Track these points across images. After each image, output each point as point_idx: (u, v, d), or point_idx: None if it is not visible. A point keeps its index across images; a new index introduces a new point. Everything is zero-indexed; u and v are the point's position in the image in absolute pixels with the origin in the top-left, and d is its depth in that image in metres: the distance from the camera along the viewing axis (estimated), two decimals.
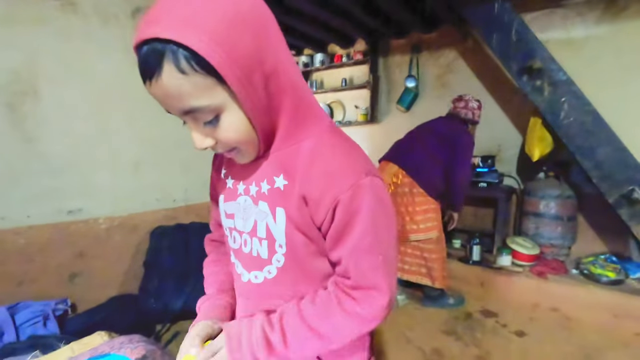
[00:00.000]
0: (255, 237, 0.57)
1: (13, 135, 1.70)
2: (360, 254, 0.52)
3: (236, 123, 0.48)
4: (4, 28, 1.63)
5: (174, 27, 0.40)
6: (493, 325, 2.14)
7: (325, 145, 0.52)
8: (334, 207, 0.49)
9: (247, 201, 0.57)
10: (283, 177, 0.53)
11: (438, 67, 3.56)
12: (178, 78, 0.41)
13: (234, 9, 0.43)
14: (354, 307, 0.53)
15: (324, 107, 4.37)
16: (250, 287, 0.60)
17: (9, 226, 1.69)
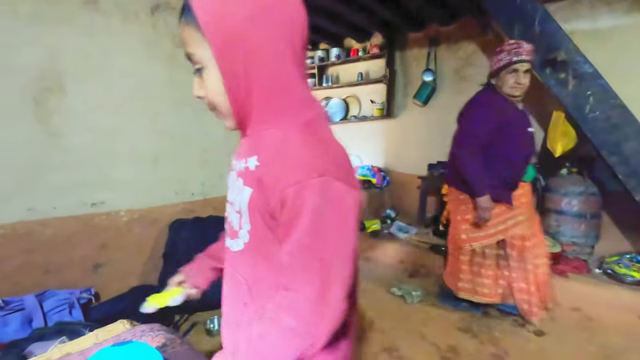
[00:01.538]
0: (233, 208, 0.61)
1: (39, 129, 1.76)
2: (297, 254, 0.50)
3: (213, 83, 0.55)
4: (30, 26, 1.68)
5: None
6: (511, 324, 2.10)
7: (291, 137, 0.53)
8: (282, 200, 0.50)
9: (233, 175, 0.62)
10: (256, 159, 0.55)
11: (456, 61, 3.49)
12: (184, 28, 0.54)
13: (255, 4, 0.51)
14: (285, 318, 0.51)
15: (339, 102, 4.35)
16: (229, 254, 0.65)
17: (37, 217, 1.76)
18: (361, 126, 4.27)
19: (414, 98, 3.73)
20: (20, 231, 1.71)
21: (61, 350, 0.91)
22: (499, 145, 1.87)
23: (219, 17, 0.50)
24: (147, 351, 0.67)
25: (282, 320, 0.51)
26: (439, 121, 3.67)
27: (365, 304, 2.35)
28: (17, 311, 1.58)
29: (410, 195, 3.85)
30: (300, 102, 0.57)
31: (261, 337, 0.52)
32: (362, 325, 2.09)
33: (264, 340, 0.52)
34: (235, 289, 0.64)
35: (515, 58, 1.78)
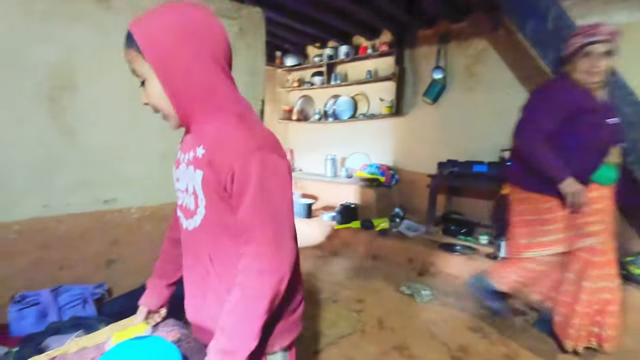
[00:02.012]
0: (187, 193, 0.75)
1: (53, 127, 1.78)
2: (252, 212, 0.64)
3: (154, 91, 0.69)
4: (44, 24, 1.70)
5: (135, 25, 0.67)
6: (521, 324, 2.08)
7: (229, 126, 0.68)
8: (232, 173, 0.64)
9: (183, 167, 0.76)
10: (202, 147, 0.70)
11: (467, 58, 3.45)
12: (127, 49, 0.68)
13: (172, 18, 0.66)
14: (254, 266, 0.64)
15: (347, 100, 4.34)
16: (187, 233, 0.79)
17: (51, 214, 1.79)
18: (370, 124, 4.25)
19: (424, 96, 3.70)
20: (35, 227, 1.74)
21: (77, 344, 0.93)
22: (565, 137, 1.65)
23: (152, 42, 0.65)
24: (164, 345, 0.68)
25: (253, 269, 0.64)
26: (449, 119, 3.64)
27: (374, 302, 2.35)
28: (32, 305, 1.61)
29: (420, 193, 3.82)
30: (229, 100, 0.72)
31: (242, 295, 0.64)
32: (371, 323, 2.09)
33: (245, 295, 0.64)
34: (196, 262, 0.77)
35: (588, 40, 1.59)
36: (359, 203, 3.91)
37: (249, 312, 0.64)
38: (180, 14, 0.67)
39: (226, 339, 0.63)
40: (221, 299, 0.71)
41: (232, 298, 0.65)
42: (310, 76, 4.62)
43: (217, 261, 0.74)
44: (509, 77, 3.19)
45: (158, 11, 0.67)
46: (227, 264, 0.72)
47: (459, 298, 2.40)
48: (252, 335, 0.64)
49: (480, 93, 3.39)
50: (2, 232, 1.65)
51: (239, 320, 0.63)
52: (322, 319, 2.12)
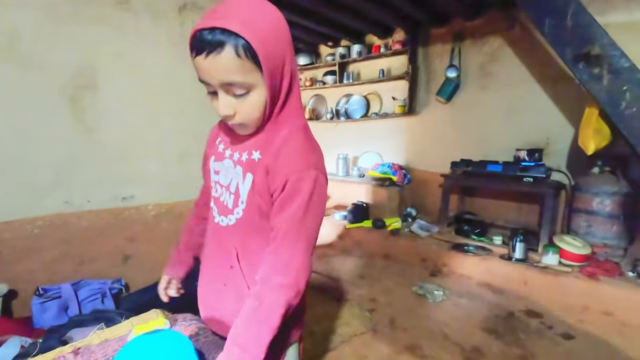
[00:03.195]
0: (228, 190, 0.75)
1: (75, 126, 1.84)
2: (291, 224, 0.65)
3: (258, 101, 0.65)
4: (68, 26, 1.76)
5: (239, 24, 0.57)
6: (537, 326, 2.05)
7: (295, 138, 0.69)
8: (285, 182, 0.65)
9: (229, 163, 0.75)
10: (259, 153, 0.70)
11: (482, 56, 3.40)
12: (234, 59, 0.58)
13: (276, 21, 0.62)
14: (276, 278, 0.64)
15: (360, 99, 4.33)
16: (218, 227, 0.79)
17: (73, 210, 1.85)
18: (382, 123, 4.23)
19: (437, 95, 3.66)
20: (57, 223, 1.79)
21: (100, 337, 0.96)
22: None
23: (269, 49, 0.60)
24: (179, 339, 0.70)
25: (274, 282, 0.64)
26: (463, 118, 3.59)
27: (387, 301, 2.34)
28: (54, 299, 1.67)
29: (432, 193, 3.79)
30: (299, 110, 0.73)
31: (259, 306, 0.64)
32: (384, 322, 2.09)
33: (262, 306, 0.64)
34: (222, 255, 0.78)
35: None
36: (370, 202, 3.90)
37: (264, 324, 0.63)
38: (280, 18, 0.63)
39: (240, 349, 0.62)
40: (241, 292, 0.74)
41: (248, 308, 0.64)
42: (323, 75, 4.62)
43: (244, 258, 0.75)
44: (525, 76, 3.13)
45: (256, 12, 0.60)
46: (253, 262, 0.74)
47: (472, 299, 2.38)
48: (264, 346, 0.62)
49: (495, 92, 3.34)
50: (27, 228, 1.71)
51: (253, 331, 0.62)
52: (334, 317, 2.13)
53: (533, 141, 3.09)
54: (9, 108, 1.63)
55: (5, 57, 1.60)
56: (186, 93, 2.22)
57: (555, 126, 2.99)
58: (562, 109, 2.96)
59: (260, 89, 0.63)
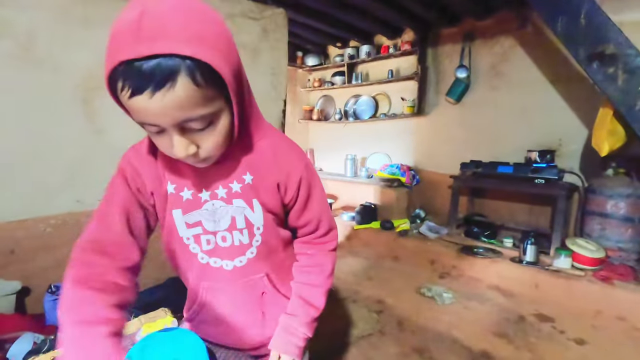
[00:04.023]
0: (235, 230, 0.67)
1: (87, 127, 1.87)
2: (323, 209, 0.74)
3: (224, 128, 0.53)
4: (81, 29, 1.79)
5: (189, 42, 0.42)
6: (549, 331, 2.01)
7: (278, 142, 0.68)
8: (299, 184, 0.68)
9: (217, 204, 0.64)
10: (249, 174, 0.64)
11: (492, 56, 3.36)
12: (192, 90, 0.44)
13: (219, 23, 0.48)
14: (329, 247, 0.77)
15: (368, 100, 4.32)
16: (235, 271, 0.70)
17: (83, 209, 1.88)
18: (391, 124, 4.21)
19: (447, 95, 3.63)
20: (69, 221, 1.82)
21: None
22: None
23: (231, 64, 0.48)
24: (191, 338, 0.70)
25: (326, 249, 0.77)
26: (473, 119, 3.56)
27: (394, 303, 2.33)
28: None
29: (441, 194, 3.76)
30: (259, 112, 0.65)
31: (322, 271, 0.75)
32: (391, 324, 2.07)
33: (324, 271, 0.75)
34: (249, 291, 0.72)
35: None
36: (379, 203, 3.89)
37: (327, 285, 0.75)
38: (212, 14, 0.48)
39: (314, 310, 0.73)
40: (282, 305, 0.76)
41: (314, 276, 0.75)
42: (331, 76, 4.62)
43: (276, 277, 0.75)
44: (536, 76, 3.09)
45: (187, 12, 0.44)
46: (284, 274, 0.76)
47: (481, 302, 2.35)
48: (323, 307, 0.75)
49: (506, 92, 3.30)
50: (40, 226, 1.74)
51: (322, 292, 0.75)
52: (341, 318, 2.13)
53: (545, 142, 3.04)
54: (23, 109, 1.66)
55: (22, 59, 1.63)
56: None
57: (568, 127, 2.93)
58: (575, 110, 2.91)
59: (225, 113, 0.52)
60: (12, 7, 1.59)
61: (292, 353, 0.71)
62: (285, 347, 0.71)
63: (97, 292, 0.57)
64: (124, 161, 0.67)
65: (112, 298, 0.57)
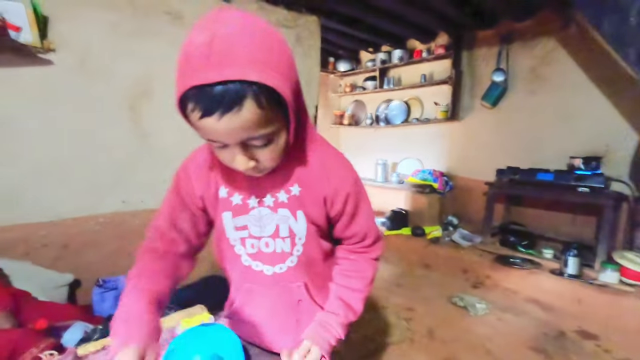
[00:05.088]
0: (278, 237, 0.70)
1: (133, 131, 2.00)
2: (369, 223, 0.75)
3: (281, 145, 0.57)
4: (129, 41, 1.93)
5: (254, 68, 0.46)
6: (593, 349, 1.89)
7: (329, 157, 0.69)
8: (346, 199, 0.69)
9: (264, 211, 0.68)
10: (297, 186, 0.67)
11: (532, 59, 3.24)
12: (257, 113, 0.48)
13: (280, 42, 0.50)
14: (372, 255, 0.78)
15: (400, 105, 4.28)
16: (275, 276, 0.73)
17: (128, 209, 2.01)
18: (423, 129, 4.15)
19: (482, 100, 3.53)
20: (116, 220, 1.96)
21: None
22: None
23: (290, 87, 0.51)
24: (228, 334, 0.74)
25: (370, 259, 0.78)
26: (510, 124, 3.43)
27: (425, 311, 2.28)
28: (112, 290, 1.82)
29: (475, 202, 3.65)
30: (312, 127, 0.68)
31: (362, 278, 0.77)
32: (421, 332, 2.04)
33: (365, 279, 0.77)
34: (285, 298, 0.75)
35: None
36: (409, 209, 3.83)
37: (366, 292, 0.77)
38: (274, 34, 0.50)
39: (353, 313, 0.75)
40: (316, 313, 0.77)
41: (354, 280, 0.76)
42: (363, 81, 4.63)
43: (313, 287, 0.77)
44: (580, 79, 2.93)
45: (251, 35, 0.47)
46: (322, 284, 0.78)
47: (517, 314, 2.25)
48: (360, 312, 0.76)
49: (547, 96, 3.16)
50: (90, 224, 1.89)
51: (361, 298, 0.76)
52: (370, 324, 2.11)
53: (590, 148, 2.87)
54: (78, 115, 1.82)
55: (79, 70, 1.78)
56: None
57: (616, 132, 2.76)
58: (624, 114, 2.73)
59: (284, 131, 0.55)
60: (70, 23, 1.74)
61: (322, 347, 0.71)
62: (318, 340, 0.71)
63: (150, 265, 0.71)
64: (180, 168, 0.75)
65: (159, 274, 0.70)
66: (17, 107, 1.65)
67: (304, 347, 0.70)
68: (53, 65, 1.71)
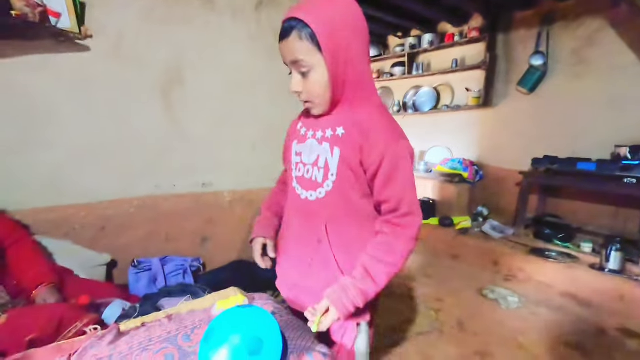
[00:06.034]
0: (316, 166, 0.82)
1: (164, 117, 2.03)
2: (407, 190, 0.77)
3: (319, 81, 0.74)
4: (161, 27, 1.94)
5: (304, 13, 0.69)
6: (637, 349, 1.79)
7: (378, 116, 0.78)
8: (382, 158, 0.74)
9: (313, 142, 0.83)
10: (343, 129, 0.79)
11: (575, 40, 3.03)
12: (298, 42, 0.71)
13: (344, 11, 0.72)
14: (406, 232, 0.78)
15: (429, 91, 4.15)
16: (305, 203, 0.86)
17: (161, 193, 2.05)
18: (453, 116, 4.01)
19: (518, 85, 3.35)
20: (149, 204, 2.01)
21: (187, 307, 1.06)
22: None
23: (332, 35, 0.69)
24: (264, 315, 0.74)
25: (406, 235, 0.78)
26: (548, 110, 3.24)
27: (454, 302, 2.24)
28: (146, 270, 1.88)
29: (508, 192, 3.51)
30: (374, 92, 0.81)
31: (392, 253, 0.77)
32: (450, 323, 2.00)
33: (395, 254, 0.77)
34: (309, 230, 0.85)
35: None
36: (437, 199, 3.74)
37: (392, 267, 0.77)
38: (349, 8, 0.72)
39: (373, 284, 0.76)
40: (330, 266, 0.83)
41: (382, 253, 0.77)
42: (390, 67, 4.51)
43: (333, 232, 0.82)
44: (630, 61, 2.72)
45: (327, 4, 0.71)
46: (342, 235, 0.83)
47: (553, 309, 2.16)
48: (382, 286, 0.77)
49: (591, 80, 2.96)
50: (125, 207, 1.94)
51: (385, 271, 0.77)
52: (398, 314, 2.09)
53: (638, 137, 2.67)
54: (112, 102, 1.85)
55: (114, 56, 1.81)
56: (260, 86, 2.33)
57: None
58: None
59: (322, 69, 0.72)
60: (105, 9, 1.76)
61: (340, 310, 0.74)
62: (336, 301, 0.75)
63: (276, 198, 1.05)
64: None
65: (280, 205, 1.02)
66: (57, 93, 1.70)
67: (323, 305, 0.75)
68: (90, 51, 1.74)
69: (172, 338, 0.86)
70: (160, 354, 0.81)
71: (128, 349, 0.82)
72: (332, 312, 0.74)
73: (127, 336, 0.86)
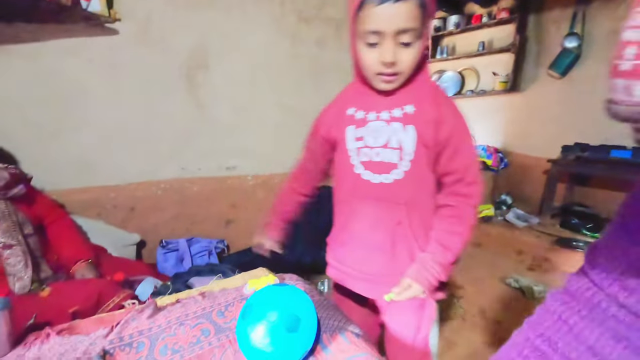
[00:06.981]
0: (387, 148, 0.78)
1: (190, 102, 2.05)
2: (471, 163, 0.78)
3: (417, 53, 0.71)
4: (185, 12, 1.94)
5: None
6: None
7: (438, 89, 0.80)
8: (453, 128, 0.75)
9: (380, 124, 0.79)
10: (413, 106, 0.76)
11: (614, 21, 2.85)
12: (416, 9, 0.66)
13: None
14: (471, 201, 0.79)
15: (454, 75, 4.03)
16: (381, 186, 0.81)
17: (187, 176, 2.10)
18: (477, 101, 3.88)
19: (550, 68, 3.20)
20: (175, 186, 2.06)
21: (219, 285, 1.09)
22: None
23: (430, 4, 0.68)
24: (300, 294, 0.75)
25: (471, 204, 0.79)
26: (581, 95, 3.09)
27: (476, 291, 2.21)
28: (173, 251, 1.94)
29: (533, 180, 3.40)
30: (430, 74, 0.81)
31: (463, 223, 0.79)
32: (472, 311, 1.98)
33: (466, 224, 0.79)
34: (387, 214, 0.82)
35: None
36: None
37: (464, 235, 0.79)
38: None
39: (450, 254, 0.78)
40: (412, 248, 0.83)
41: (454, 225, 0.79)
42: None
43: (413, 212, 0.81)
44: None
45: None
46: (421, 214, 0.82)
47: None
48: (458, 256, 0.80)
49: None
50: (153, 189, 2.00)
51: (459, 240, 0.79)
52: None
53: None
54: (139, 86, 1.89)
55: (141, 40, 1.84)
56: (282, 69, 2.31)
57: None
58: None
59: (421, 41, 0.70)
60: None
61: (422, 283, 0.77)
62: (418, 276, 0.78)
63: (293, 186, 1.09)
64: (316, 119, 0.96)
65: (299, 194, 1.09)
66: (88, 77, 1.74)
67: (403, 283, 0.78)
68: (118, 35, 1.77)
69: (207, 314, 0.89)
70: (197, 328, 0.84)
71: (166, 322, 0.85)
72: (415, 287, 0.78)
73: (165, 311, 0.90)
